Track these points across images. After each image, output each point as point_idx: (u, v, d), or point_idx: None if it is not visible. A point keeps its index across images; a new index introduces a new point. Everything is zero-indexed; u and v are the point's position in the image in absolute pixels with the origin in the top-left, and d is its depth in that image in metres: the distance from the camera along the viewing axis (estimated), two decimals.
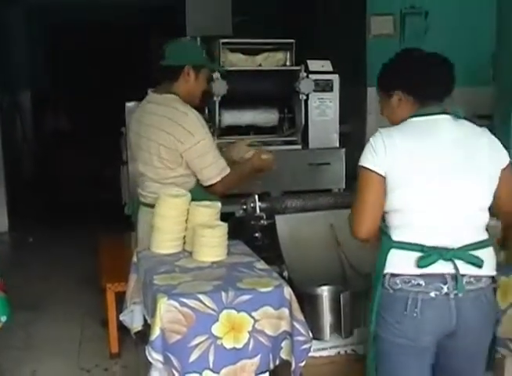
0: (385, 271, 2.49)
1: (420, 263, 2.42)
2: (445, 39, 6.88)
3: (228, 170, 3.47)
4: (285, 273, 3.15)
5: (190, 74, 3.46)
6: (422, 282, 2.44)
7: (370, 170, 2.49)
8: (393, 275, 2.48)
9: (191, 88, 3.50)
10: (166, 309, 2.58)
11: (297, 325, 2.70)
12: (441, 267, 2.44)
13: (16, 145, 9.64)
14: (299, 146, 4.58)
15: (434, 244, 2.44)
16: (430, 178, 2.45)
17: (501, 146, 2.57)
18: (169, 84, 3.49)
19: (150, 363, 2.64)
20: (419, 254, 2.44)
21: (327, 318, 2.84)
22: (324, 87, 4.53)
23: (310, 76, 4.45)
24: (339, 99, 4.60)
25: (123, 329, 3.72)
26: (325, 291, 2.88)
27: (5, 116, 8.25)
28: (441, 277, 2.44)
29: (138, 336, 3.32)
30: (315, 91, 4.48)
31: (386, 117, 2.69)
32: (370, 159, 2.49)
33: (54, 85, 12.25)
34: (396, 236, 2.50)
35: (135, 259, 3.26)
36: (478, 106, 6.51)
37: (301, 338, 2.70)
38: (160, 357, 2.59)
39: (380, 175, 2.48)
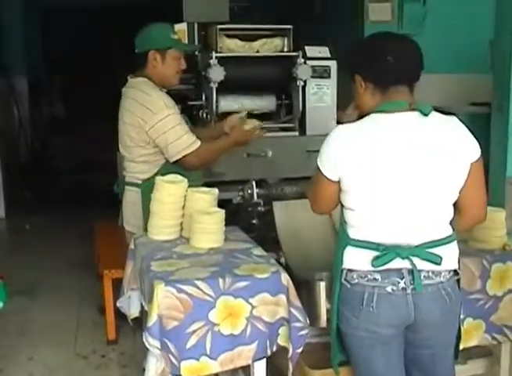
0: (342, 266, 2.49)
1: (375, 263, 2.40)
2: (444, 26, 6.88)
3: (197, 144, 3.52)
4: (282, 260, 3.16)
5: (157, 59, 3.56)
6: (378, 277, 2.42)
7: (323, 175, 2.47)
8: (349, 270, 2.48)
9: (161, 72, 3.59)
10: (163, 295, 2.59)
11: (294, 311, 2.71)
12: (398, 263, 2.41)
13: (12, 131, 9.62)
14: (296, 133, 4.57)
15: (391, 242, 2.41)
16: (388, 179, 2.38)
17: (472, 138, 2.46)
18: (142, 69, 3.61)
19: (147, 349, 2.65)
20: (374, 252, 2.42)
21: (324, 304, 2.84)
22: (322, 73, 4.52)
23: (307, 62, 4.43)
24: (337, 86, 4.59)
25: (120, 315, 3.73)
26: (322, 278, 2.87)
27: (0, 102, 8.22)
28: (398, 272, 2.42)
29: (135, 322, 3.33)
30: (312, 77, 4.47)
31: (357, 107, 2.61)
32: (325, 162, 2.46)
33: (51, 71, 12.21)
34: (352, 233, 2.48)
35: (132, 246, 3.26)
36: (476, 94, 6.52)
37: (298, 325, 2.71)
38: (157, 343, 2.60)
39: (332, 181, 2.46)
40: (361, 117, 2.49)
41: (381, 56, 2.42)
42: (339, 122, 4.55)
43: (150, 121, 3.45)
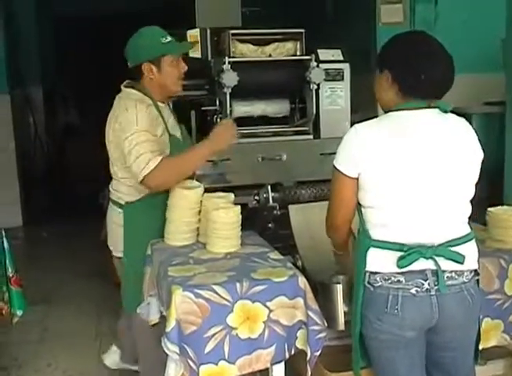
0: (365, 269, 2.48)
1: (400, 263, 2.40)
2: (456, 26, 6.85)
3: (154, 163, 3.12)
4: (299, 263, 3.16)
5: (152, 70, 3.32)
6: (402, 279, 2.42)
7: (342, 173, 2.47)
8: (373, 273, 2.46)
9: (159, 81, 3.35)
10: (181, 300, 2.59)
11: (311, 314, 2.71)
12: (422, 264, 2.41)
13: (28, 140, 9.67)
14: (311, 136, 4.57)
15: (414, 241, 2.41)
16: (408, 176, 2.40)
17: (478, 142, 2.51)
18: (139, 81, 3.40)
19: (166, 354, 2.66)
20: (398, 253, 2.41)
21: (342, 307, 2.84)
22: (335, 76, 4.51)
23: (320, 65, 4.43)
24: (350, 88, 4.59)
25: None
26: (339, 281, 2.87)
27: (17, 111, 8.27)
28: (422, 274, 2.42)
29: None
30: (325, 80, 4.46)
31: (378, 99, 2.60)
32: (342, 161, 2.47)
33: (66, 80, 12.26)
34: (375, 234, 2.47)
35: (149, 252, 3.27)
36: (490, 93, 6.50)
37: (316, 328, 2.71)
38: (176, 348, 2.60)
39: (352, 178, 2.46)
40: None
41: (415, 72, 2.41)
42: (353, 124, 4.57)
43: (121, 137, 3.22)
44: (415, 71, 2.42)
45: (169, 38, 3.35)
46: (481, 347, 2.76)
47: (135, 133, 3.17)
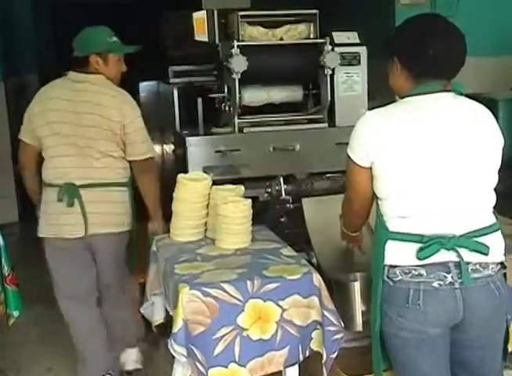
0: (384, 263, 2.47)
1: (420, 255, 2.39)
2: (481, 7, 6.81)
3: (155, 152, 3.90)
4: (313, 260, 3.16)
5: (98, 62, 3.73)
6: (423, 272, 2.41)
7: (356, 163, 2.50)
8: (392, 266, 2.46)
9: (104, 73, 3.73)
10: (188, 299, 2.60)
11: (327, 314, 2.71)
12: (443, 256, 2.40)
13: None
14: (325, 125, 4.56)
15: (434, 232, 2.41)
16: (425, 163, 2.40)
17: (498, 126, 2.52)
18: (86, 68, 3.76)
19: (173, 356, 2.66)
20: (418, 245, 2.40)
21: (359, 306, 2.84)
22: (351, 60, 4.50)
23: (335, 49, 4.41)
24: (367, 73, 4.57)
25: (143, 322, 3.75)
26: (356, 278, 2.87)
27: (11, 99, 8.27)
28: (444, 266, 2.41)
29: (159, 329, 3.34)
30: (341, 65, 4.45)
31: (392, 87, 2.62)
32: (355, 149, 2.51)
33: (62, 67, 12.29)
34: (393, 226, 2.47)
35: (154, 248, 3.27)
36: None
37: (332, 328, 2.71)
38: (183, 350, 2.61)
39: (364, 168, 2.48)
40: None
41: (422, 48, 2.43)
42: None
43: (130, 115, 3.63)
44: (420, 48, 2.43)
45: (115, 39, 3.80)
46: (510, 349, 2.74)
47: (141, 116, 3.70)
